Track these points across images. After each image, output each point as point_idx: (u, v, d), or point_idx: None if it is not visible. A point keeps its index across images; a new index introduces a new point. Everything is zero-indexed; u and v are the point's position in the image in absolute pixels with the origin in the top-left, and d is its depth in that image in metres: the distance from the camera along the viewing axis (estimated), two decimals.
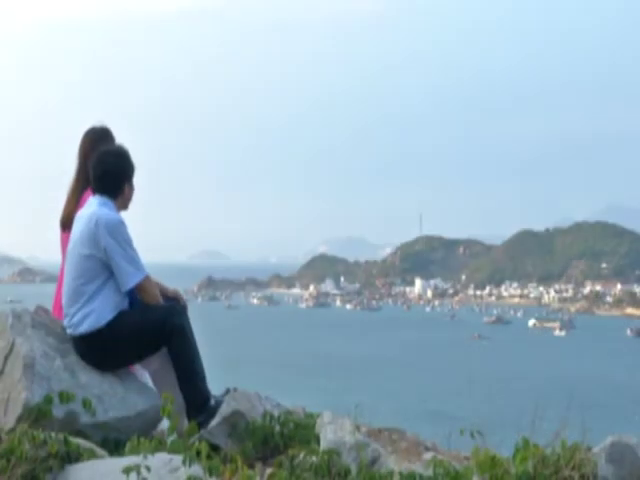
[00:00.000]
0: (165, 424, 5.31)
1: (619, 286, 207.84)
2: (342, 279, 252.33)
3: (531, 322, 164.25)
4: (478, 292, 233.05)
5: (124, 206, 5.62)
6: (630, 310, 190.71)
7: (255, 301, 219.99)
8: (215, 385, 5.57)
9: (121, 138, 6.25)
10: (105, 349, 5.27)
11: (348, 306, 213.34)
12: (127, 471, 3.62)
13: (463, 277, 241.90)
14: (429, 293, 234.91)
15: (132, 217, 5.63)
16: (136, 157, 5.63)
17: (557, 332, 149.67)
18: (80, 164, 6.23)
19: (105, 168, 5.48)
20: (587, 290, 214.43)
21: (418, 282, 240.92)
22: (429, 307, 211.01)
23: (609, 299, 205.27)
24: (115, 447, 4.83)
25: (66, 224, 6.08)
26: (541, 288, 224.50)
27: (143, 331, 5.32)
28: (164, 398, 4.53)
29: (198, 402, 5.31)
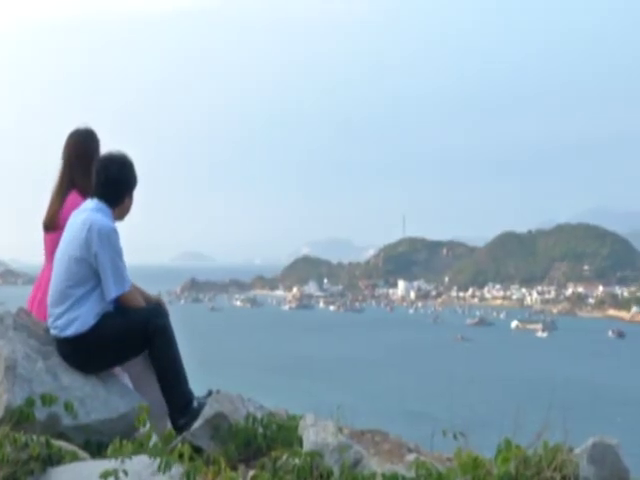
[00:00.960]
0: (148, 426, 5.31)
1: (601, 288, 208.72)
2: (325, 281, 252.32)
3: (514, 324, 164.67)
4: (461, 294, 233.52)
5: (121, 217, 5.60)
6: (612, 312, 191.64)
7: (238, 303, 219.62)
8: (198, 387, 5.56)
9: (105, 139, 6.25)
10: (89, 351, 5.25)
11: (331, 308, 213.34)
12: (105, 476, 3.61)
13: (446, 279, 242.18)
14: (412, 295, 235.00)
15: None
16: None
17: (539, 333, 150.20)
18: (64, 166, 6.18)
19: (108, 175, 5.45)
20: (569, 292, 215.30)
21: (401, 284, 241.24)
22: (412, 309, 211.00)
23: (591, 301, 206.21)
24: (97, 449, 4.82)
25: (49, 226, 6.06)
26: (524, 290, 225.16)
27: (127, 332, 5.32)
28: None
29: (180, 404, 5.31)
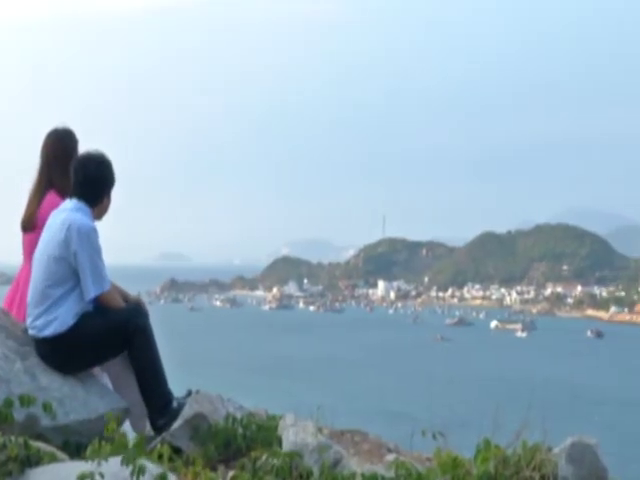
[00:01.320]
0: (127, 426, 5.29)
1: (579, 288, 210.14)
2: (305, 281, 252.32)
3: (493, 324, 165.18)
4: (441, 294, 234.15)
5: (99, 216, 5.58)
6: (590, 312, 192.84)
7: (218, 303, 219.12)
8: (177, 387, 5.55)
9: (82, 138, 6.23)
10: (68, 352, 5.23)
11: (311, 308, 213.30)
12: (81, 478, 3.58)
13: (426, 279, 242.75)
14: (392, 295, 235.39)
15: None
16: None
17: (519, 333, 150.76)
18: (42, 165, 6.16)
19: (87, 174, 5.44)
20: (548, 292, 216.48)
21: (381, 284, 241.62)
22: (392, 309, 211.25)
23: (570, 301, 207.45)
24: (76, 450, 4.79)
25: (27, 226, 6.03)
26: (503, 290, 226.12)
27: (106, 332, 5.29)
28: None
29: (160, 404, 5.30)
